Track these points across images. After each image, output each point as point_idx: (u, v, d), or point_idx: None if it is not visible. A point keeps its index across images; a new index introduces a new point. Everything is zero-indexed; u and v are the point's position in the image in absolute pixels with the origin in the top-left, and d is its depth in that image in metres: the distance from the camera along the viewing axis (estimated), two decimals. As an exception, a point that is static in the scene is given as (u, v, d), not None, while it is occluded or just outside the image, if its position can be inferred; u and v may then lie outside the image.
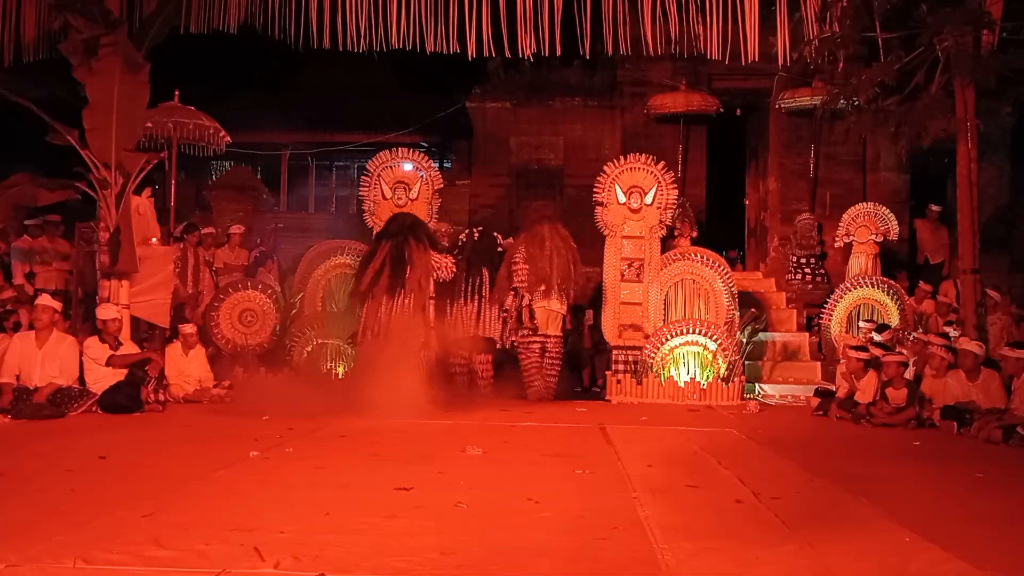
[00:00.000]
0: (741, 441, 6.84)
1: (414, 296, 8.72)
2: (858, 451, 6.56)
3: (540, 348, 9.41)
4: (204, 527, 3.76)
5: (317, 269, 10.40)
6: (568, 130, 14.10)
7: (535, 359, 9.41)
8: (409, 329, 8.78)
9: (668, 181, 9.99)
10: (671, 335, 9.61)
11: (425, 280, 8.89)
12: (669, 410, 8.80)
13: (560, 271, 9.33)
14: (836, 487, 4.95)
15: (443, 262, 9.03)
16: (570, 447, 6.30)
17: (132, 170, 8.59)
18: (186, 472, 5.08)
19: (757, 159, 14.45)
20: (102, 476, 4.99)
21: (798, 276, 12.34)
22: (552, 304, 9.43)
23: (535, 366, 9.42)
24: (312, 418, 7.35)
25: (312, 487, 4.74)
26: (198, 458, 5.58)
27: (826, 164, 13.00)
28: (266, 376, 9.42)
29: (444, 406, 8.11)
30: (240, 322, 10.13)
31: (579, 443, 6.54)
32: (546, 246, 9.41)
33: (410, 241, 8.92)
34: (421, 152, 10.86)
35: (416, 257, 8.80)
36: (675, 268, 10.06)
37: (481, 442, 6.20)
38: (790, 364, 10.96)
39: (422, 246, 8.91)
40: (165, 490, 4.58)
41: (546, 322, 9.46)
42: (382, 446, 6.14)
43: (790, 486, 4.99)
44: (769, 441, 6.75)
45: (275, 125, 15.20)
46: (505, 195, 14.06)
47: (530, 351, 9.43)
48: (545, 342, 9.43)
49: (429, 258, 8.89)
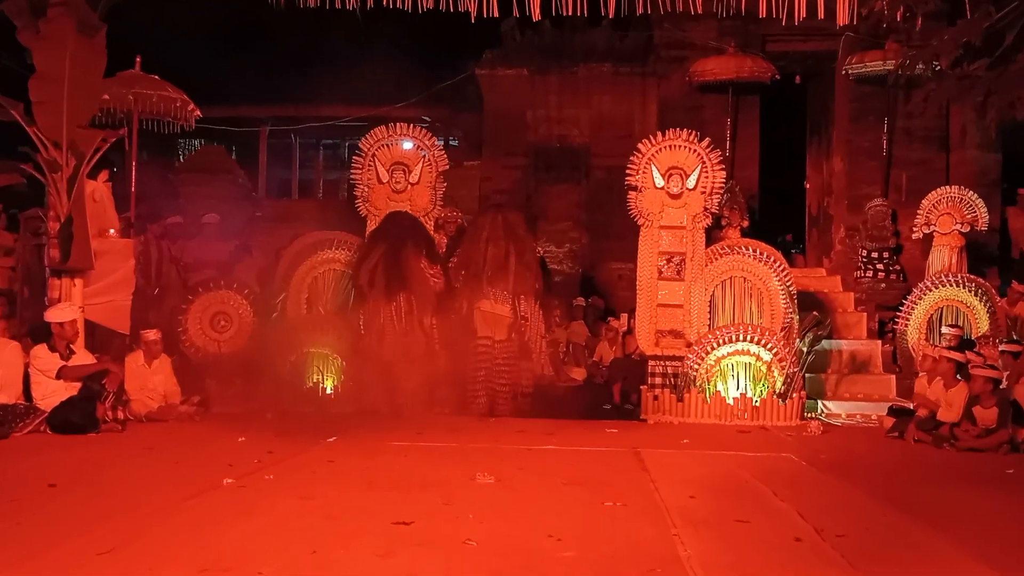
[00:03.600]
0: (801, 468, 6.81)
1: (411, 300, 9.01)
2: (939, 480, 6.53)
3: (486, 354, 9.50)
4: (170, 566, 3.78)
5: (302, 266, 10.40)
6: (595, 102, 14.11)
7: (481, 366, 9.50)
8: (409, 335, 9.01)
9: (714, 161, 9.94)
10: (718, 343, 9.56)
11: (421, 284, 9.15)
12: (715, 431, 8.77)
13: (494, 263, 9.41)
14: (912, 523, 4.95)
15: (436, 274, 9.25)
16: (598, 474, 6.30)
17: (86, 150, 8.62)
18: (150, 502, 5.10)
19: (820, 135, 14.40)
20: (52, 507, 5.00)
21: (868, 273, 12.30)
22: (487, 304, 9.51)
23: (480, 375, 9.49)
24: (296, 439, 7.36)
25: (296, 520, 4.76)
26: (163, 486, 5.59)
27: (902, 141, 12.94)
28: (243, 390, 9.46)
29: (452, 426, 8.16)
30: (212, 327, 10.14)
31: (609, 470, 6.53)
32: (481, 237, 9.52)
33: (407, 244, 9.22)
34: (423, 128, 10.86)
35: (411, 260, 9.17)
36: (722, 264, 10.01)
37: (493, 468, 6.20)
38: (859, 377, 10.91)
39: (418, 251, 9.21)
40: (125, 523, 4.59)
41: (484, 324, 9.52)
42: (378, 472, 6.15)
43: (858, 521, 4.97)
44: (834, 468, 6.72)
45: (253, 97, 15.22)
46: (522, 179, 14.08)
47: (476, 358, 9.52)
48: (491, 348, 9.50)
49: (421, 262, 9.22)
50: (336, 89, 14.78)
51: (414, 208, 10.20)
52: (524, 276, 9.63)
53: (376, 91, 15.47)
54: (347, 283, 10.08)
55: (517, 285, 9.58)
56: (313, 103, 16.38)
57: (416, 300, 9.23)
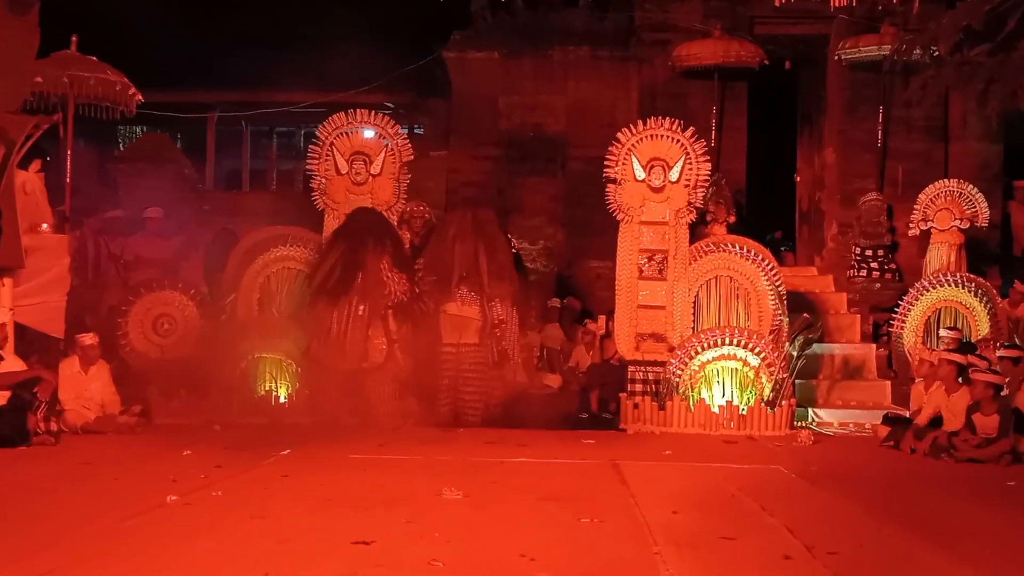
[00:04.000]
0: (791, 480, 6.85)
1: (369, 303, 9.07)
2: (938, 493, 6.58)
3: (452, 360, 9.55)
4: (109, 592, 3.74)
5: (253, 264, 10.34)
6: (572, 88, 14.04)
7: (445, 373, 9.56)
8: (367, 341, 9.05)
9: (699, 152, 9.95)
10: (702, 347, 9.57)
11: (379, 287, 9.18)
12: (700, 442, 8.81)
13: (462, 261, 9.45)
14: (909, 539, 4.99)
15: (395, 279, 9.27)
16: (574, 489, 6.31)
17: (17, 137, 8.54)
18: (87, 521, 5.06)
19: (811, 125, 14.46)
20: (-22, 527, 4.95)
21: (862, 272, 12.31)
22: (454, 307, 9.55)
23: (444, 383, 9.56)
24: (247, 453, 7.34)
25: (247, 541, 4.74)
26: (102, 504, 5.55)
27: (898, 131, 13.00)
28: (188, 399, 9.43)
29: (417, 437, 8.17)
30: (155, 331, 10.07)
31: (586, 483, 6.55)
32: (448, 235, 9.57)
33: (367, 243, 9.24)
34: (386, 115, 10.83)
35: (370, 261, 9.21)
36: (707, 262, 10.02)
37: (462, 483, 6.19)
38: (852, 383, 10.97)
39: (379, 252, 9.25)
40: (60, 544, 4.54)
41: (451, 328, 9.58)
42: (336, 488, 6.12)
43: (852, 537, 5.00)
44: (826, 480, 6.76)
45: (200, 80, 15.05)
46: (493, 170, 14.02)
47: (440, 365, 9.57)
48: (456, 354, 9.56)
49: (381, 264, 9.25)
50: (292, 72, 14.64)
51: (376, 201, 10.16)
52: (498, 277, 9.66)
53: (335, 75, 15.29)
54: (303, 283, 10.01)
55: (491, 287, 9.60)
56: (266, 87, 16.16)
57: (371, 304, 9.24)
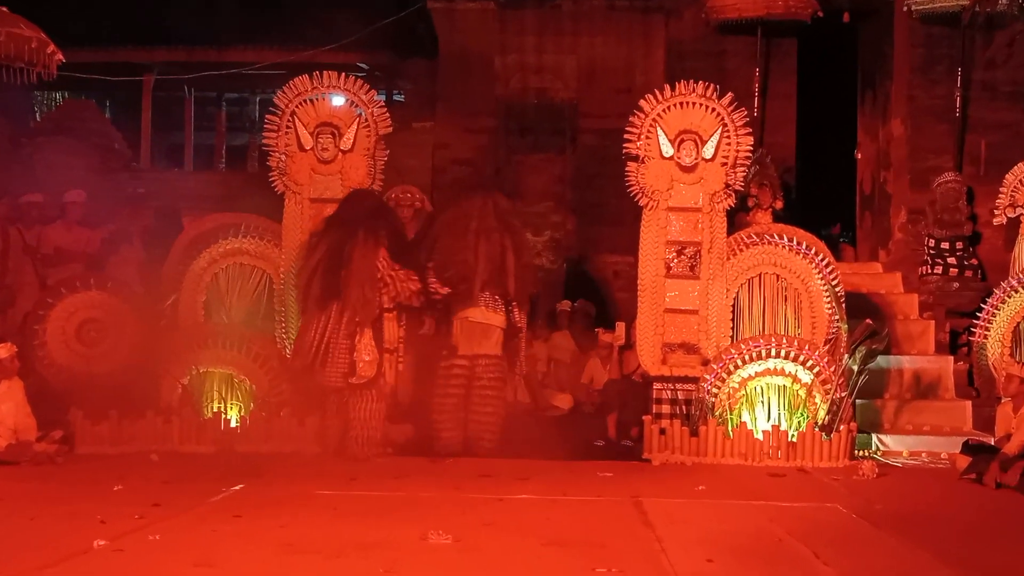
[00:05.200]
0: (850, 522, 6.84)
1: (356, 310, 9.09)
2: (1028, 537, 6.59)
3: (464, 375, 9.57)
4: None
5: (199, 258, 10.32)
6: (585, 45, 14.02)
7: (454, 391, 9.56)
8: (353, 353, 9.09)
9: (738, 124, 9.92)
10: (743, 360, 9.55)
11: (370, 289, 9.19)
12: (740, 475, 8.79)
13: (489, 262, 9.51)
14: (994, 593, 4.99)
15: (399, 277, 9.26)
16: (587, 532, 6.29)
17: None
18: (-4, 572, 5.00)
19: (874, 91, 14.37)
20: None
21: (937, 269, 12.19)
22: (479, 313, 9.59)
23: (449, 404, 9.56)
24: (191, 488, 7.33)
25: (190, 594, 4.73)
26: (15, 550, 5.52)
27: (980, 98, 12.92)
28: (119, 423, 9.38)
29: (397, 469, 8.18)
30: (79, 340, 10.05)
31: (601, 525, 6.53)
32: (470, 228, 9.60)
33: (358, 235, 9.20)
34: (358, 78, 10.74)
35: (357, 257, 9.15)
36: (749, 257, 10.01)
37: (451, 524, 6.18)
38: (925, 404, 10.93)
39: (371, 243, 9.21)
40: (-37, 599, 4.56)
41: (471, 337, 9.61)
42: (298, 529, 6.10)
43: (924, 591, 5.00)
44: (892, 522, 6.74)
45: (133, 37, 14.98)
46: (488, 146, 14.01)
47: (448, 381, 9.58)
48: (473, 366, 9.58)
49: (375, 260, 9.20)
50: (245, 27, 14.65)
51: (346, 183, 10.15)
52: (523, 278, 9.74)
53: (298, 30, 15.33)
54: (263, 281, 10.18)
55: (518, 289, 9.67)
56: (214, 45, 16.15)
57: (359, 309, 9.20)
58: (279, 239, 10.20)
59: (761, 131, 12.81)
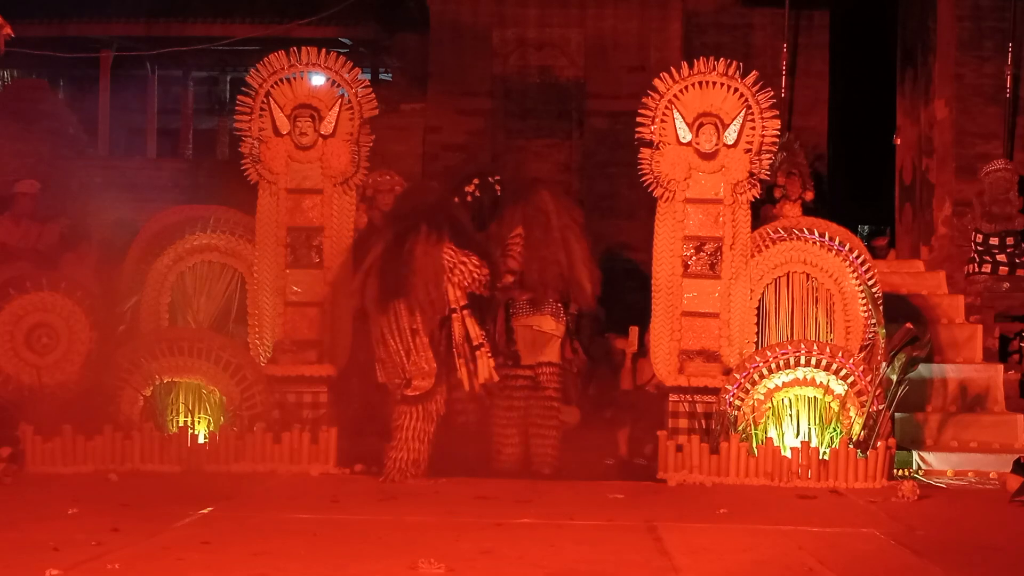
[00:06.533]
0: (888, 549, 6.69)
1: (421, 313, 9.03)
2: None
3: (526, 387, 9.61)
4: None
5: (162, 256, 10.20)
6: (592, 17, 14.13)
7: (518, 403, 9.61)
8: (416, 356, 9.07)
9: (764, 106, 9.86)
10: (769, 369, 9.43)
11: (435, 288, 9.11)
12: (766, 496, 8.67)
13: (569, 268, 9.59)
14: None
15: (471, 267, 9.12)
16: (596, 560, 6.20)
17: None
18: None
19: (916, 68, 14.35)
20: None
21: (986, 267, 12.10)
22: (548, 322, 9.65)
23: (515, 417, 9.60)
24: (154, 512, 7.26)
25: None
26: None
27: (1035, 77, 13.21)
28: (74, 440, 9.28)
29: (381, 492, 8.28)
30: (29, 347, 9.88)
31: (611, 553, 6.41)
32: (552, 225, 9.63)
33: (420, 229, 9.10)
34: (341, 55, 10.65)
35: (420, 253, 9.06)
36: (776, 254, 9.91)
37: (443, 552, 6.03)
38: (972, 418, 10.80)
39: (435, 237, 9.13)
40: None
41: (533, 346, 9.65)
42: (274, 559, 5.95)
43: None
44: (935, 549, 6.60)
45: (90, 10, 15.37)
46: (485, 129, 14.16)
47: (512, 393, 9.60)
48: (538, 375, 9.63)
49: (440, 255, 9.10)
50: (213, 0, 14.89)
51: (327, 170, 10.04)
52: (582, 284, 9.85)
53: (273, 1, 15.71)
54: (234, 281, 10.07)
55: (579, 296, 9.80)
56: (179, 18, 16.58)
57: (425, 309, 9.06)
58: (252, 234, 10.00)
59: (789, 114, 13.08)
